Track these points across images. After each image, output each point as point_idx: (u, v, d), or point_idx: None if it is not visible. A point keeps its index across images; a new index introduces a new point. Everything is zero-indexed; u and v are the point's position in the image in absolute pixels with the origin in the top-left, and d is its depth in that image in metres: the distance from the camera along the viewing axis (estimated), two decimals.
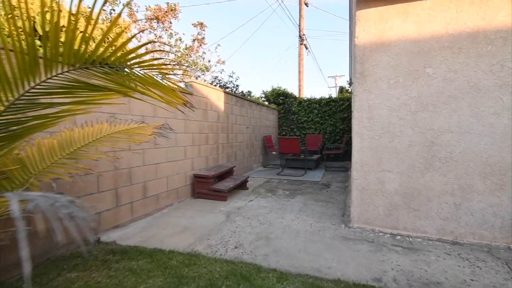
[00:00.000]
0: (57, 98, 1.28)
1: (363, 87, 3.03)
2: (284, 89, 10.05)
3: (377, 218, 3.04)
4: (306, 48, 14.22)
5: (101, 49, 1.11)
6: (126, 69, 1.15)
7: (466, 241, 2.75)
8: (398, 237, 2.87)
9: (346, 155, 8.88)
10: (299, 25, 13.56)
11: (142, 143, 3.44)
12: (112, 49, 1.11)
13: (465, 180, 2.74)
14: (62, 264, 2.27)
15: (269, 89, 10.30)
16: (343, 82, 23.18)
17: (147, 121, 3.56)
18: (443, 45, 2.75)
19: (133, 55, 1.18)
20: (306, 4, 13.69)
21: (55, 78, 1.17)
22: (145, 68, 1.13)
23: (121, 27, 3.25)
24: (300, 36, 13.66)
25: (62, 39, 1.17)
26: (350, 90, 10.74)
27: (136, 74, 1.14)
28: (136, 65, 1.11)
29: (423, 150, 2.84)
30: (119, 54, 1.09)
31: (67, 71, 1.16)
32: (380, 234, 2.95)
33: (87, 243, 2.73)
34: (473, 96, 2.68)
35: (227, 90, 6.82)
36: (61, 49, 1.12)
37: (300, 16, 13.53)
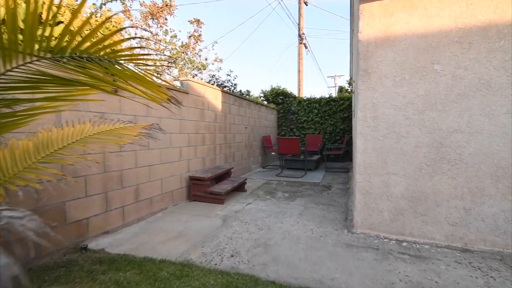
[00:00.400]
0: (22, 94, 1.11)
1: (367, 84, 2.87)
2: (284, 88, 9.89)
3: (381, 223, 2.88)
4: (306, 47, 14.08)
5: (67, 38, 0.94)
6: (101, 60, 0.99)
7: (476, 248, 2.59)
8: (405, 244, 2.71)
9: (346, 155, 8.74)
10: (299, 24, 13.42)
11: (134, 144, 3.27)
12: (81, 36, 0.95)
13: (475, 183, 2.58)
14: (44, 276, 2.10)
15: (268, 88, 10.14)
16: (343, 82, 23.06)
17: (140, 121, 3.39)
18: (452, 40, 2.59)
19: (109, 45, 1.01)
20: (305, 3, 13.54)
21: (15, 70, 1.00)
22: (121, 58, 0.96)
23: (111, 21, 3.09)
24: (299, 35, 13.51)
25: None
26: (349, 90, 10.58)
27: (112, 66, 0.97)
28: (110, 56, 0.94)
29: (431, 152, 2.68)
30: (86, 44, 0.92)
31: (29, 62, 0.99)
32: (385, 240, 2.79)
33: (74, 251, 2.57)
34: (484, 94, 2.52)
35: (224, 89, 6.66)
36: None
37: (300, 15, 13.39)
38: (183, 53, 6.82)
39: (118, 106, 3.11)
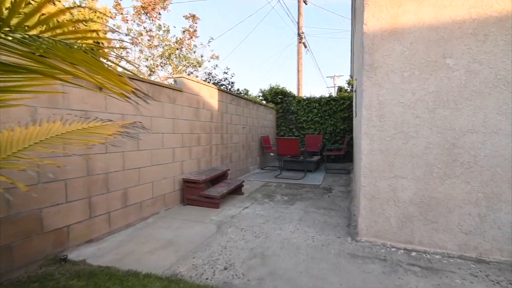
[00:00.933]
0: None
1: (373, 81, 2.65)
2: (283, 87, 9.67)
3: (388, 230, 2.66)
4: (305, 46, 13.88)
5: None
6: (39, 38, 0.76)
7: (492, 258, 2.37)
8: (414, 254, 2.49)
9: (347, 156, 8.52)
10: (298, 23, 13.22)
11: (122, 144, 3.05)
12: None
13: (491, 188, 2.36)
14: None
15: (266, 87, 9.91)
16: (342, 82, 22.91)
17: (127, 119, 3.16)
18: (466, 32, 2.37)
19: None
20: (305, 2, 13.35)
21: None
22: (66, 37, 0.74)
23: (96, 13, 2.85)
24: (299, 34, 13.32)
25: None
26: (349, 90, 10.38)
27: (54, 45, 0.74)
28: (47, 33, 0.72)
29: (442, 153, 2.47)
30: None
31: None
32: (392, 249, 2.57)
33: (52, 262, 2.34)
34: (501, 91, 2.31)
35: (221, 87, 6.43)
36: None
37: (299, 14, 13.21)
38: (177, 49, 6.56)
39: (104, 104, 2.88)
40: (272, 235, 2.91)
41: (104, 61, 1.08)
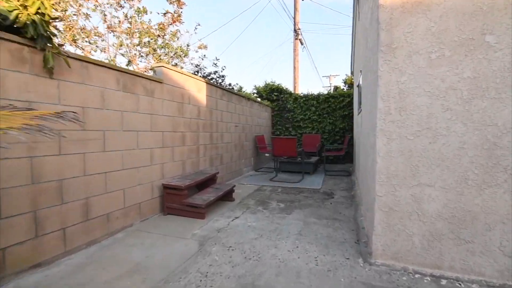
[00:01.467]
0: None
1: (391, 64, 2.13)
2: (279, 84, 9.13)
3: (410, 251, 2.14)
4: (302, 43, 13.42)
5: None
6: None
7: None
8: (444, 282, 1.97)
9: (347, 157, 8.04)
10: (294, 19, 12.78)
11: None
12: None
13: None
14: None
15: (261, 84, 9.36)
16: (338, 82, 22.50)
17: (90, 114, 2.59)
18: None
19: None
20: None
21: None
22: None
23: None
24: (295, 31, 12.86)
25: None
26: (345, 90, 9.91)
27: None
28: None
29: (480, 156, 1.96)
30: None
31: None
32: (416, 276, 2.05)
33: None
34: None
35: (211, 81, 5.82)
36: None
37: (295, 9, 12.79)
38: (159, 36, 5.88)
39: (56, 94, 2.31)
40: (265, 255, 2.37)
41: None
